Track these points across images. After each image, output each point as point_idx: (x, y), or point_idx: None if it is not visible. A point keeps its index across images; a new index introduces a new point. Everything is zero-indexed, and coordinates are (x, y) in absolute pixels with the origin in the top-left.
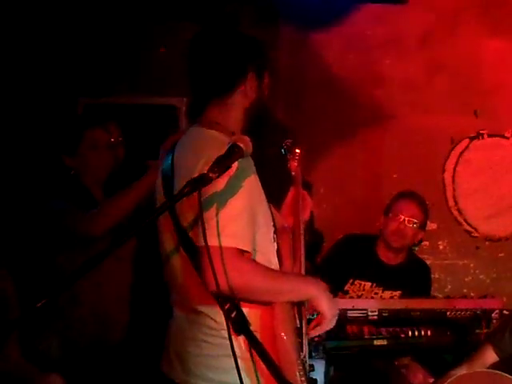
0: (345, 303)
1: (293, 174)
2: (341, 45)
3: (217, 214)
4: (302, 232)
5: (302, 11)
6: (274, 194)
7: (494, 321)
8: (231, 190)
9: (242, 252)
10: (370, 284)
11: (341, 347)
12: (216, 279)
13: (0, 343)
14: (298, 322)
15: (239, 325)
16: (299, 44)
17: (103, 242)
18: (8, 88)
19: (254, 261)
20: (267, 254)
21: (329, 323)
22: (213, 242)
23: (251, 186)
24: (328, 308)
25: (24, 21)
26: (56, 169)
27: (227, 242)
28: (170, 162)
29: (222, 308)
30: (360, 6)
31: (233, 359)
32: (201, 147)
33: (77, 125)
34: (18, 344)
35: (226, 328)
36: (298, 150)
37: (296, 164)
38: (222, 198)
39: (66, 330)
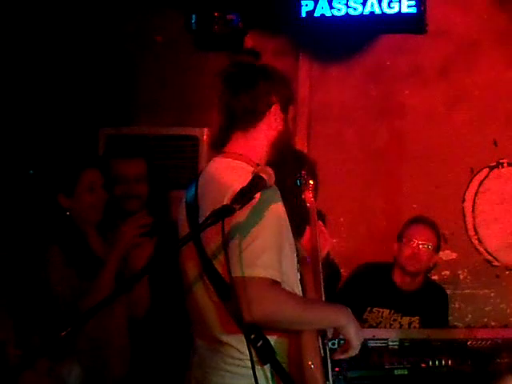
0: (365, 333)
1: (308, 205)
2: (361, 76)
3: (249, 245)
4: (320, 262)
5: (322, 43)
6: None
7: None
8: (261, 220)
9: (275, 282)
10: (388, 311)
11: (362, 377)
12: (252, 309)
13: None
14: (322, 351)
15: (265, 354)
16: (319, 76)
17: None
18: (29, 119)
19: (287, 290)
20: (291, 283)
21: (354, 350)
22: (247, 272)
23: (279, 216)
24: (356, 336)
25: (46, 51)
26: (52, 207)
27: (261, 272)
28: (193, 192)
29: (247, 338)
30: (379, 37)
31: None
32: (229, 177)
33: (75, 165)
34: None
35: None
36: (311, 182)
37: (311, 195)
38: (253, 229)
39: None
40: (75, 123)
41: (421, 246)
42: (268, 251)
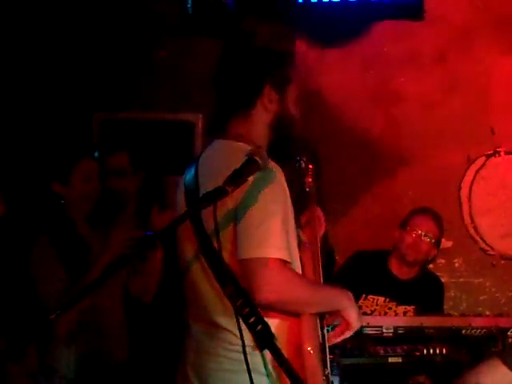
0: None
1: (307, 189)
2: (357, 62)
3: (259, 227)
4: (318, 247)
5: (318, 29)
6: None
7: (510, 339)
8: (268, 201)
9: (286, 263)
10: (383, 299)
11: (355, 364)
12: (266, 290)
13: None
14: (320, 337)
15: (264, 339)
16: (315, 62)
17: None
18: (23, 104)
19: (296, 272)
20: (296, 265)
21: (351, 332)
22: (259, 253)
23: (285, 198)
24: (357, 319)
25: (40, 35)
26: (45, 194)
27: (273, 253)
28: (193, 174)
29: (245, 322)
30: (376, 24)
31: (255, 375)
32: (231, 159)
33: (71, 153)
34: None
35: (247, 343)
36: (310, 166)
37: (310, 180)
38: (260, 211)
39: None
40: (69, 108)
41: (423, 237)
42: (278, 232)
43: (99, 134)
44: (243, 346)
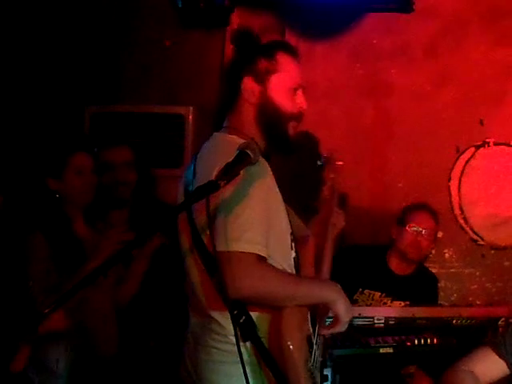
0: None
1: (328, 184)
2: (347, 54)
3: (235, 220)
4: (331, 241)
5: (308, 21)
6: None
7: (500, 328)
8: (247, 196)
9: (261, 257)
10: (379, 294)
11: (347, 355)
12: (237, 285)
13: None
14: (310, 328)
15: (247, 330)
16: (305, 53)
17: None
18: (14, 97)
19: (273, 266)
20: (278, 259)
21: (342, 326)
22: (232, 247)
23: (267, 191)
24: (344, 312)
25: (30, 28)
26: (40, 190)
27: (246, 247)
28: (192, 167)
29: (231, 313)
30: (366, 16)
31: (240, 365)
32: (218, 152)
33: (63, 148)
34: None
35: (233, 334)
36: (340, 163)
37: (332, 176)
38: (239, 205)
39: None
40: (60, 101)
41: (423, 234)
42: (254, 226)
43: (91, 128)
44: (236, 336)
